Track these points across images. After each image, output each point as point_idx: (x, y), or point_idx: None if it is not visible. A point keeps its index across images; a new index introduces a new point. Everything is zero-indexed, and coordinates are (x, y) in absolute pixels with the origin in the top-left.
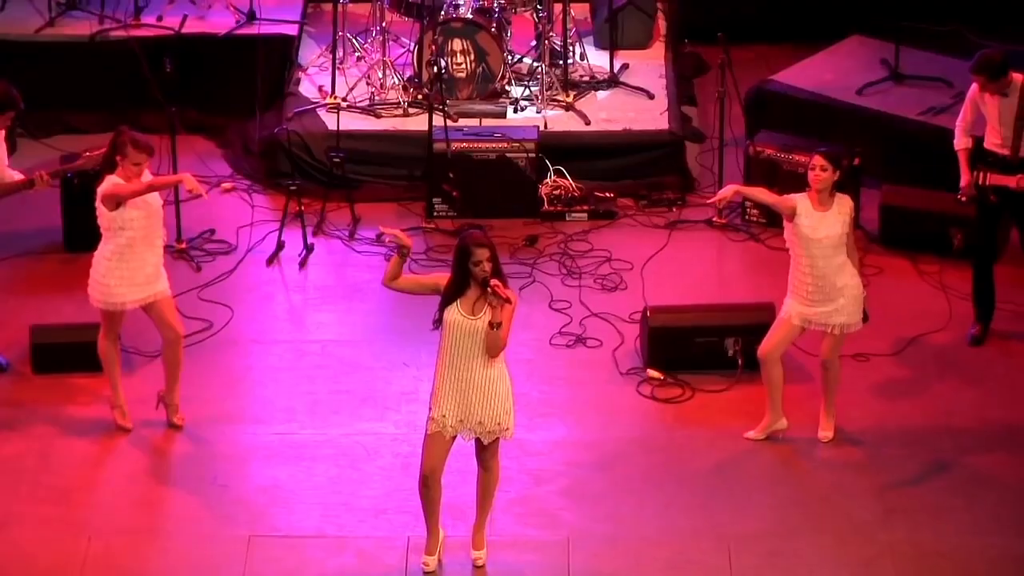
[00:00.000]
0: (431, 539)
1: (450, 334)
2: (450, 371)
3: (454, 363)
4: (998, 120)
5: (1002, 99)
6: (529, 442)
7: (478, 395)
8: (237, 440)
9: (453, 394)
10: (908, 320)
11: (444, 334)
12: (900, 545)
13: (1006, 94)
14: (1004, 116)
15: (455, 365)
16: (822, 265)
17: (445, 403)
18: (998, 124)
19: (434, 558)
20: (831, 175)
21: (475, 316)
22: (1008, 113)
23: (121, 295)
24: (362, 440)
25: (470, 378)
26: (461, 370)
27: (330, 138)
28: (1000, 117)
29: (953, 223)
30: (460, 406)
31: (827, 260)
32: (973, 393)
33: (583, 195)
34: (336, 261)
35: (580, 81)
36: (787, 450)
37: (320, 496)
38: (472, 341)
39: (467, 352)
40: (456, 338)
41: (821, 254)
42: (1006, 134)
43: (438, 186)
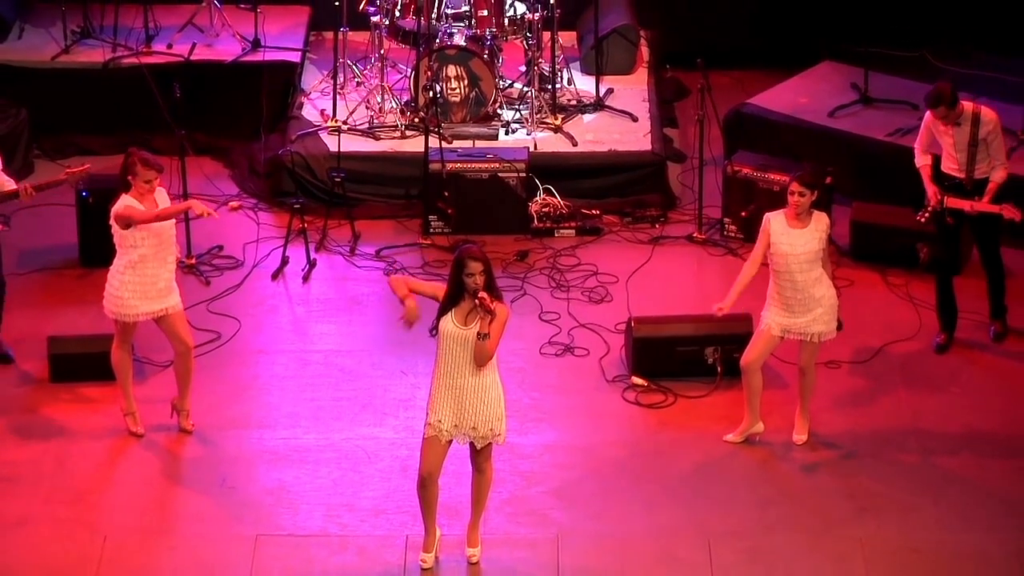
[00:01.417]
0: (428, 537)
1: (444, 343)
2: (445, 378)
3: (449, 370)
4: (953, 147)
5: (956, 128)
6: (521, 446)
7: (471, 401)
8: (244, 444)
9: (448, 400)
10: (878, 330)
11: (439, 343)
12: (871, 541)
13: (959, 123)
14: (959, 143)
15: (450, 372)
16: (800, 279)
17: (441, 409)
18: (953, 151)
19: (431, 555)
20: (808, 198)
21: (468, 326)
22: (962, 140)
23: (134, 307)
24: (362, 444)
25: (463, 385)
26: (455, 377)
27: (331, 159)
28: (955, 144)
29: (920, 238)
30: (455, 412)
31: (804, 274)
32: (939, 398)
33: (571, 212)
34: (337, 275)
35: (568, 105)
36: (764, 452)
37: (323, 497)
38: (465, 350)
39: (460, 360)
40: (450, 347)
41: (799, 268)
42: (961, 159)
43: (434, 204)
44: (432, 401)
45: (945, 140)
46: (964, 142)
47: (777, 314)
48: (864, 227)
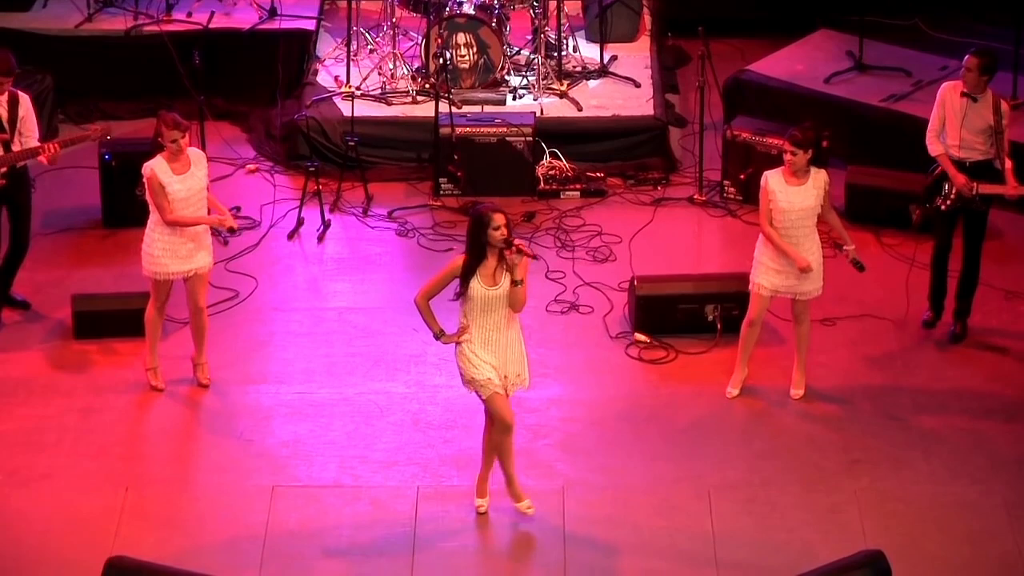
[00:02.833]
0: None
1: (477, 305)
2: (482, 341)
3: (483, 331)
4: (960, 123)
5: (970, 103)
6: (527, 399)
7: (509, 354)
8: (261, 399)
9: (488, 358)
10: (872, 288)
11: (470, 308)
12: (864, 493)
13: (976, 99)
14: (968, 120)
15: (485, 332)
16: (794, 234)
17: (485, 368)
18: (958, 127)
19: (487, 500)
20: (802, 157)
21: (496, 285)
22: (973, 118)
23: (165, 266)
24: (375, 399)
25: (499, 339)
26: (490, 333)
27: (345, 124)
28: (963, 119)
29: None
30: (498, 368)
31: (799, 229)
32: (931, 356)
33: (576, 175)
34: (351, 236)
35: (573, 71)
36: (762, 406)
37: (337, 450)
38: (497, 308)
39: (494, 318)
40: (483, 308)
41: (792, 224)
42: (965, 137)
43: (444, 167)
44: (472, 364)
45: (955, 113)
46: (975, 122)
47: (766, 273)
48: (858, 189)
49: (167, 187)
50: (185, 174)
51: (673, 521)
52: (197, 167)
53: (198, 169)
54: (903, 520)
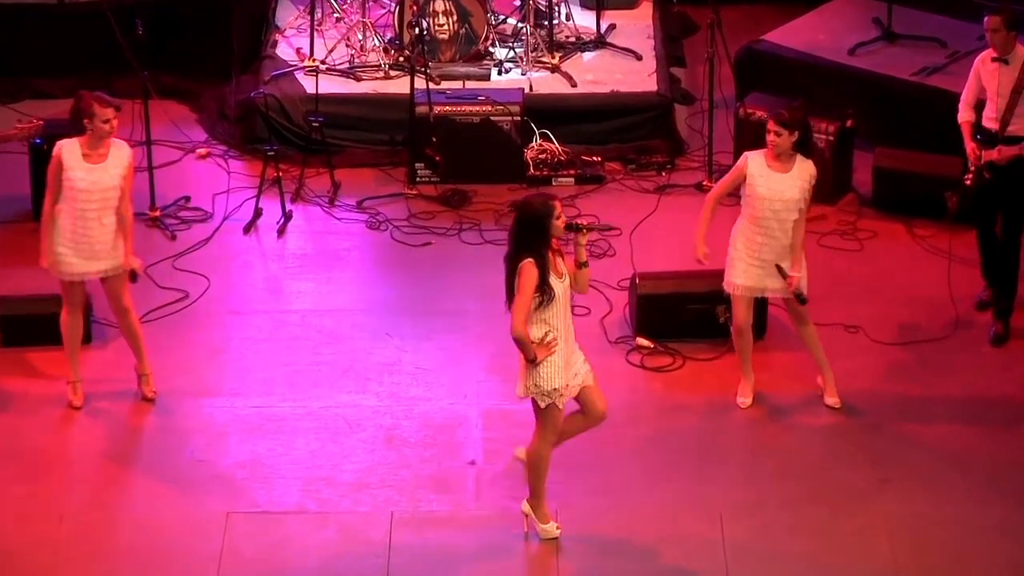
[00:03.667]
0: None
1: (560, 305)
2: (565, 339)
3: (565, 330)
4: (996, 90)
5: (1002, 67)
6: (515, 413)
7: (576, 353)
8: (214, 414)
9: (566, 359)
10: (902, 286)
11: (552, 310)
12: (894, 515)
13: (1007, 61)
14: (1002, 86)
15: (566, 331)
16: (769, 227)
17: (562, 373)
18: (995, 94)
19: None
20: (787, 139)
21: (563, 276)
22: (1007, 82)
23: (69, 265)
24: (343, 413)
25: (569, 336)
26: (567, 333)
27: (308, 102)
28: (998, 87)
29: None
30: (569, 371)
31: (781, 223)
32: (969, 360)
33: (569, 159)
34: (315, 229)
35: (566, 42)
36: (779, 418)
37: (300, 471)
38: (566, 300)
39: (565, 312)
40: (563, 305)
41: (775, 216)
42: (1000, 105)
43: (420, 151)
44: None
45: (990, 82)
46: (1008, 86)
47: (743, 272)
48: (887, 174)
49: (68, 171)
50: (98, 165)
51: (681, 549)
52: (114, 163)
53: (114, 166)
54: (938, 546)
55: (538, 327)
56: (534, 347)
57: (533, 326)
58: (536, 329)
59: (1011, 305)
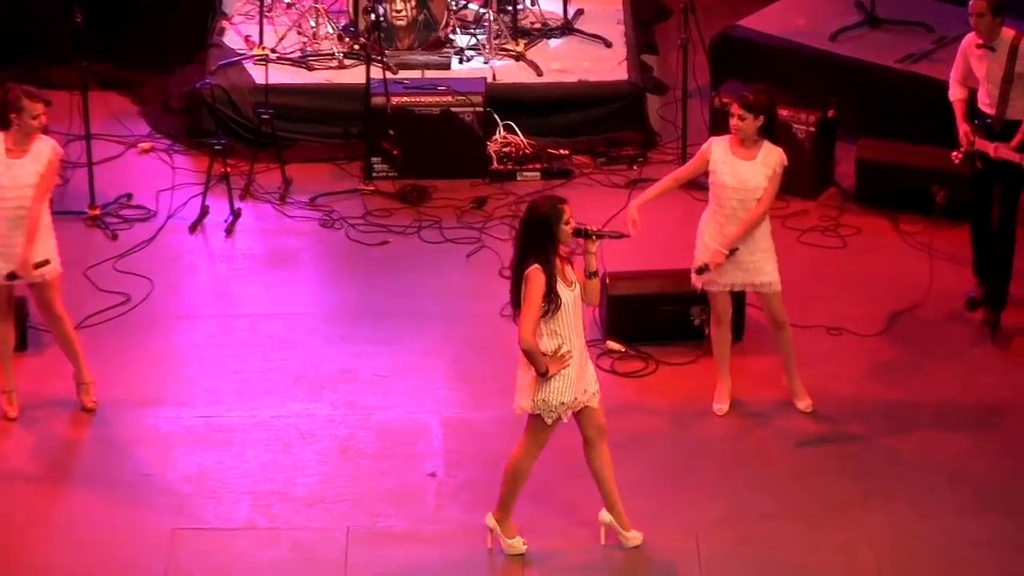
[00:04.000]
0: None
1: (569, 315)
2: (577, 351)
3: (576, 341)
4: (985, 76)
5: (989, 54)
6: (478, 422)
7: (587, 364)
8: (158, 425)
9: (579, 372)
10: (888, 286)
11: (561, 320)
12: (879, 528)
13: (993, 48)
14: (992, 73)
15: (577, 341)
16: (734, 216)
17: (570, 387)
18: (986, 80)
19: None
20: (751, 123)
21: (572, 284)
22: (996, 70)
23: None
24: (296, 422)
25: (581, 347)
26: (578, 343)
27: (258, 93)
28: (988, 74)
29: (936, 179)
30: (580, 384)
31: (740, 212)
32: (959, 365)
33: (535, 152)
34: (266, 227)
35: (531, 29)
36: (757, 426)
37: (250, 484)
38: (577, 310)
39: (576, 322)
40: (571, 313)
41: (741, 205)
42: (993, 92)
43: (377, 144)
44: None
45: (979, 68)
46: (997, 74)
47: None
48: (872, 167)
49: None
50: (17, 160)
51: (654, 564)
52: (34, 159)
53: (34, 163)
54: (924, 560)
55: (548, 339)
56: (546, 360)
57: (543, 337)
58: (547, 341)
59: (1005, 294)
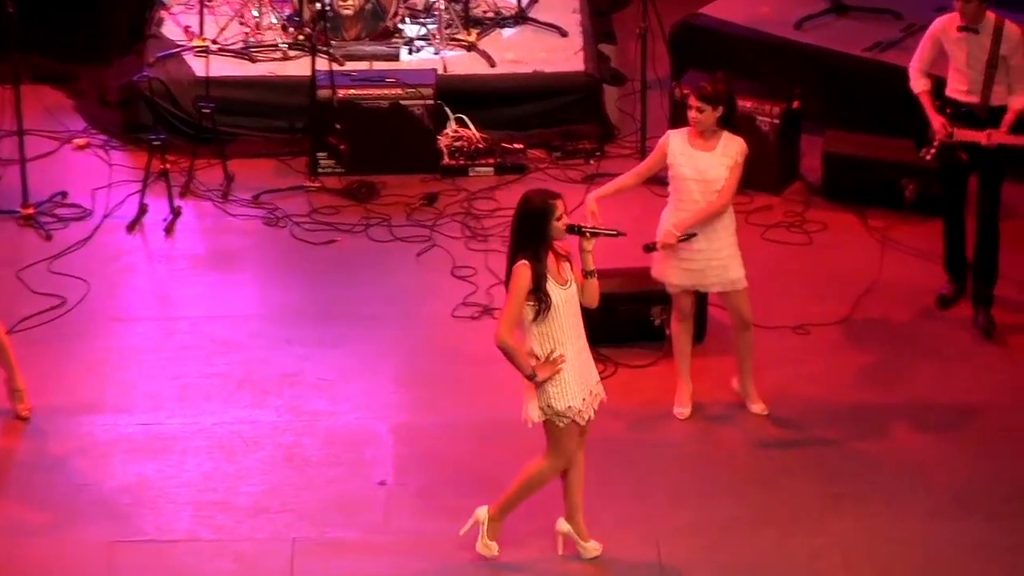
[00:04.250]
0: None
1: (561, 315)
2: (574, 354)
3: (571, 343)
4: (965, 62)
5: (971, 36)
6: (431, 428)
7: (589, 363)
8: (95, 433)
9: (578, 376)
10: (856, 283)
11: (553, 321)
12: (851, 534)
13: (977, 30)
14: (973, 57)
15: (574, 344)
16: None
17: (578, 389)
18: (965, 66)
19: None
20: (710, 115)
21: (567, 283)
22: (979, 53)
23: None
24: (239, 429)
25: (580, 348)
26: (577, 345)
27: (198, 86)
28: (968, 58)
29: (905, 173)
30: (584, 387)
31: (700, 205)
32: (932, 365)
33: (488, 147)
34: (207, 226)
35: (483, 17)
36: (722, 430)
37: (192, 494)
38: (573, 310)
39: (573, 323)
40: (565, 314)
41: (703, 198)
42: (974, 78)
43: (323, 139)
44: (569, 390)
45: (957, 54)
46: (981, 59)
47: (675, 265)
48: (838, 160)
49: None
50: None
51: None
52: None
53: None
54: (900, 567)
55: (540, 341)
56: (533, 363)
57: (535, 340)
58: (539, 344)
59: (992, 292)
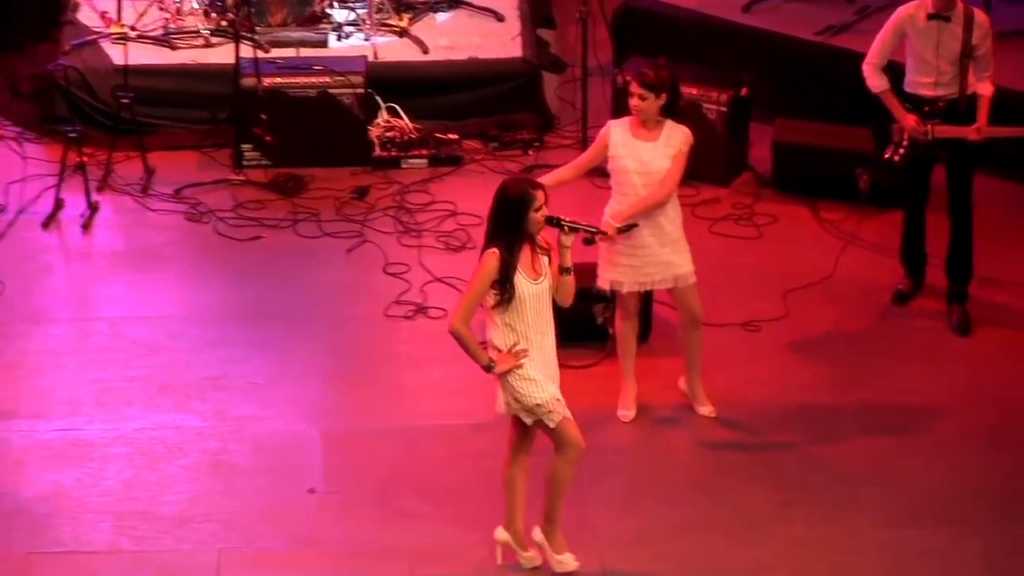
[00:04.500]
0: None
1: (528, 309)
2: (538, 349)
3: (537, 339)
4: (934, 52)
5: (941, 24)
6: (364, 433)
7: (555, 362)
8: (10, 439)
9: (547, 372)
10: (807, 278)
11: (518, 313)
12: (800, 543)
13: (949, 18)
14: (942, 47)
15: (539, 340)
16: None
17: (551, 385)
18: (934, 57)
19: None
20: (653, 103)
21: (540, 277)
22: (949, 43)
23: None
24: (162, 435)
25: (548, 345)
26: (544, 341)
27: (117, 75)
28: (939, 48)
29: (859, 162)
30: (553, 384)
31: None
32: (886, 364)
33: (421, 137)
34: (126, 222)
35: (416, 2)
36: (669, 435)
37: (113, 504)
38: (547, 306)
39: (542, 319)
40: (533, 309)
41: (646, 191)
42: (943, 69)
43: (248, 130)
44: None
45: (925, 44)
46: (954, 48)
47: (620, 263)
48: (789, 149)
49: None
50: None
51: None
52: None
53: None
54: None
55: (503, 333)
56: (488, 353)
57: (498, 330)
58: (501, 335)
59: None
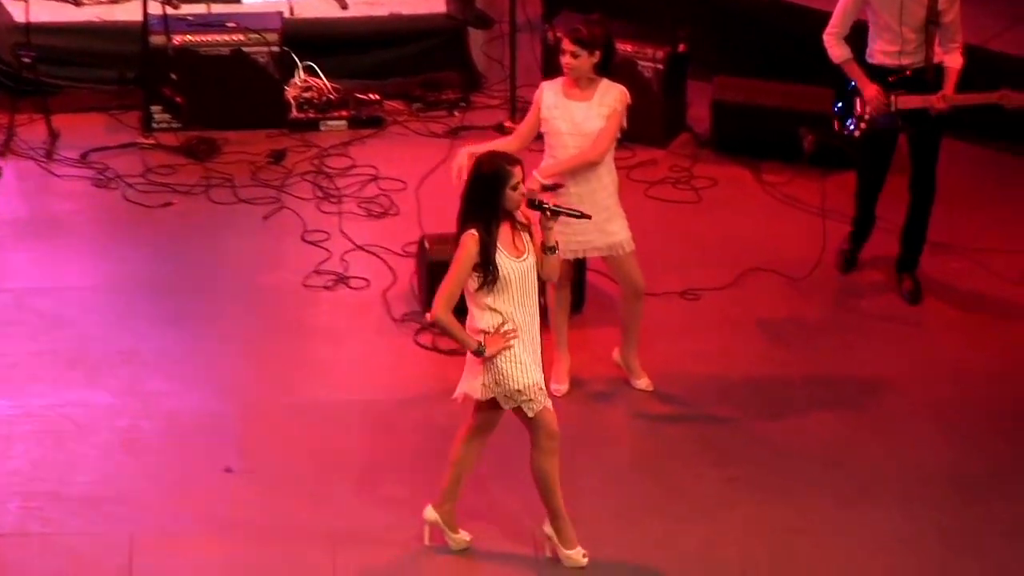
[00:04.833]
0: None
1: (514, 289)
2: (526, 331)
3: (523, 319)
4: (898, 19)
5: None
6: (282, 409)
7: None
8: None
9: (533, 355)
10: (749, 244)
11: (504, 295)
12: (745, 521)
13: None
14: (907, 13)
15: (524, 320)
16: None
17: (535, 370)
18: (898, 24)
19: None
20: (586, 61)
21: (523, 255)
22: (914, 9)
23: None
24: (70, 413)
25: (534, 327)
26: (530, 322)
27: (17, 32)
28: (901, 15)
29: (802, 122)
30: (538, 368)
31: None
32: (832, 336)
33: (341, 98)
34: (30, 188)
35: None
36: (605, 411)
37: (19, 485)
38: (532, 285)
39: (528, 299)
40: (519, 289)
41: (577, 151)
42: (908, 37)
43: (157, 91)
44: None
45: (889, 11)
46: (919, 15)
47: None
48: (729, 109)
49: None
50: None
51: (487, 573)
52: None
53: None
54: (799, 556)
55: (488, 315)
56: (477, 337)
57: (483, 312)
58: (486, 317)
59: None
